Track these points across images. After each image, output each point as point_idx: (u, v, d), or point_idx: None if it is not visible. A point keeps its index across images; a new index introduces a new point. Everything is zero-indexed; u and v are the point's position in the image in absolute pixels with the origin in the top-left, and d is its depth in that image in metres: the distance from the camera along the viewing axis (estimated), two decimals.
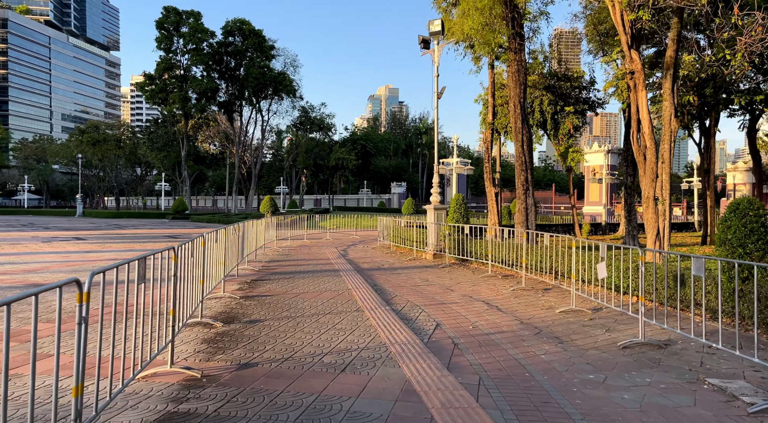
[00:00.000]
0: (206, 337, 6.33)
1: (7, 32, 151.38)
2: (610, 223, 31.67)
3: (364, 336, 6.42)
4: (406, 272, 12.68)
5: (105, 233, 26.13)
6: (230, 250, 9.76)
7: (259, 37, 57.48)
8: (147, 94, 55.44)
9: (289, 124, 69.57)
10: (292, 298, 8.99)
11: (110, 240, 21.77)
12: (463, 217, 15.41)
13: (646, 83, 10.50)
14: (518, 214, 16.13)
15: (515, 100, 16.04)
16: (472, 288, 10.37)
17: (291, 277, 11.60)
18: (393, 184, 74.24)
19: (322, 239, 23.75)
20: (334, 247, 19.70)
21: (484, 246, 13.04)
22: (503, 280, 11.48)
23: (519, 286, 10.42)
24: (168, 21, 54.45)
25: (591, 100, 24.65)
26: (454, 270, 13.13)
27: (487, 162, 21.12)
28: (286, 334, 6.44)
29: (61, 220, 44.30)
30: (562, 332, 6.81)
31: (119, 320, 4.81)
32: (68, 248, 17.85)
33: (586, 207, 45.93)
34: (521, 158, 16.07)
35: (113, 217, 50.76)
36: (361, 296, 9.16)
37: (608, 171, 41.33)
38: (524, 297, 9.38)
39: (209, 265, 7.71)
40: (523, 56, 16.01)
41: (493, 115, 21.19)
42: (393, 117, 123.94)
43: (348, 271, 12.71)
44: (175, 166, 65.93)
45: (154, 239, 22.52)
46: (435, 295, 9.47)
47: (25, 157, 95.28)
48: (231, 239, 9.91)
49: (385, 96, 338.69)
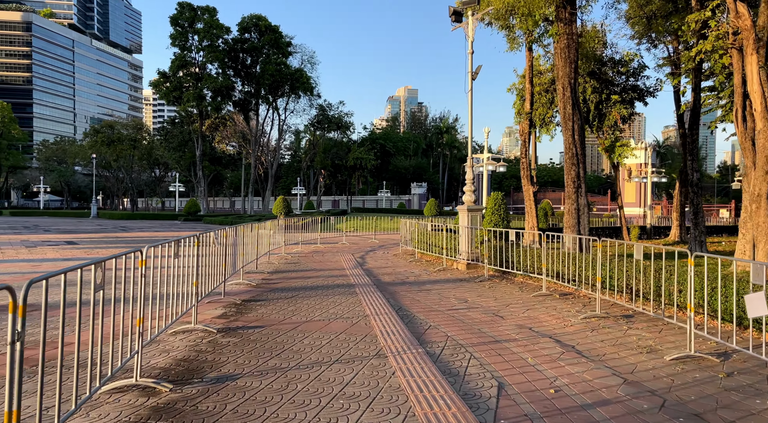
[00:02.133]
0: (131, 418, 4.01)
1: (31, 35, 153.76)
2: (655, 226, 28.76)
3: (390, 413, 4.04)
4: (437, 288, 10.26)
5: (103, 237, 24.28)
6: (211, 264, 7.48)
7: (275, 33, 55.66)
8: (161, 93, 54.01)
9: (307, 124, 67.72)
10: (290, 330, 6.66)
11: (103, 244, 19.83)
12: (503, 219, 12.92)
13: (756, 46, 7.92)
14: (568, 217, 13.57)
15: (564, 82, 13.50)
16: (528, 314, 7.90)
17: (294, 295, 9.29)
18: (413, 184, 71.80)
19: (337, 244, 21.47)
20: (351, 253, 17.38)
21: (533, 256, 10.55)
22: (563, 301, 8.97)
23: (590, 311, 7.92)
24: (182, 17, 52.95)
25: (639, 89, 21.89)
26: (496, 285, 10.66)
27: (524, 157, 18.60)
28: (265, 411, 4.09)
29: (70, 221, 42.98)
30: (699, 404, 4.32)
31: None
32: (48, 255, 15.88)
33: None
34: (571, 150, 13.51)
35: (126, 218, 49.40)
36: (384, 328, 6.79)
37: (653, 170, 38.04)
38: (605, 330, 6.88)
39: (170, 286, 5.45)
40: (574, 28, 13.46)
41: (530, 104, 18.68)
42: (413, 117, 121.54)
43: (366, 286, 10.35)
44: (191, 166, 64.54)
45: (151, 243, 20.53)
46: (482, 326, 7.04)
47: (47, 159, 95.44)
48: (213, 250, 7.63)
49: (404, 97, 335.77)
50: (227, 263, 8.64)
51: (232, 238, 9.28)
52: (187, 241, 6.16)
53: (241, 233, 10.43)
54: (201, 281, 6.67)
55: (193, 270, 6.17)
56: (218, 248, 8.02)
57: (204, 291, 7.07)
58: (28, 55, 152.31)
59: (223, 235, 8.34)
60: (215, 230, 8.19)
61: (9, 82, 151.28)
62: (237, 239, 9.84)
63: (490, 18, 16.34)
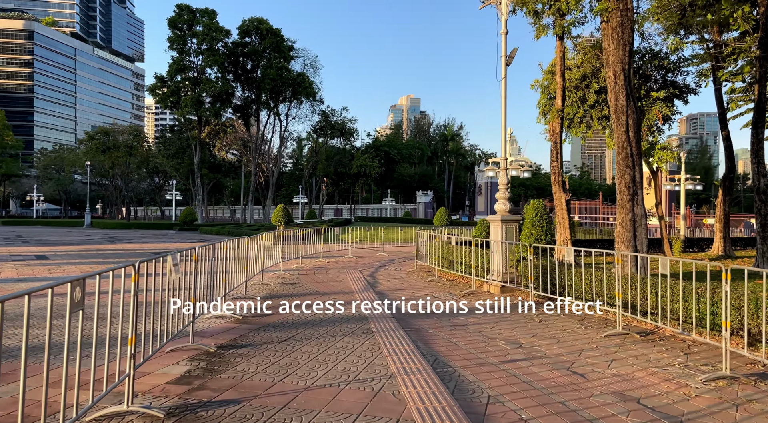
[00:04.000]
0: None
1: (33, 44, 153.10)
2: (689, 238, 26.40)
3: None
4: (474, 322, 7.97)
5: (83, 250, 22.01)
6: (180, 295, 5.22)
7: (277, 37, 53.81)
8: (158, 98, 52.09)
9: (309, 130, 65.70)
10: (279, 410, 4.37)
11: (77, 259, 17.58)
12: (546, 232, 10.64)
13: None
14: (621, 229, 11.26)
15: (616, 67, 11.28)
16: (617, 370, 5.60)
17: (290, 336, 7.00)
18: (418, 192, 69.55)
19: (342, 257, 19.21)
20: (358, 270, 15.11)
21: (595, 280, 8.25)
22: (650, 345, 6.68)
23: (704, 364, 5.62)
24: (181, 20, 51.15)
25: (679, 85, 19.65)
26: (548, 318, 8.36)
27: (555, 160, 16.38)
28: None
29: (59, 231, 40.78)
30: None
31: None
32: (2, 274, 13.62)
33: None
34: (626, 150, 11.27)
35: (120, 228, 47.20)
36: (422, 403, 4.50)
37: (687, 176, 35.53)
38: (753, 406, 4.58)
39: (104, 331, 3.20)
40: (629, 3, 11.26)
41: (562, 100, 16.50)
42: (416, 124, 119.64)
43: (383, 319, 8.07)
44: (190, 174, 62.48)
45: (133, 257, 18.29)
46: (562, 396, 4.75)
47: (45, 167, 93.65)
48: (177, 277, 5.37)
49: (406, 106, 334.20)
50: (199, 296, 6.38)
51: (211, 260, 7.01)
52: (148, 266, 3.95)
53: (225, 252, 8.17)
54: (156, 324, 4.41)
55: (147, 308, 3.91)
56: (194, 270, 5.77)
57: (166, 332, 4.82)
58: (29, 64, 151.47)
59: (194, 258, 6.07)
60: (191, 249, 5.96)
61: (10, 91, 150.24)
62: (216, 262, 7.59)
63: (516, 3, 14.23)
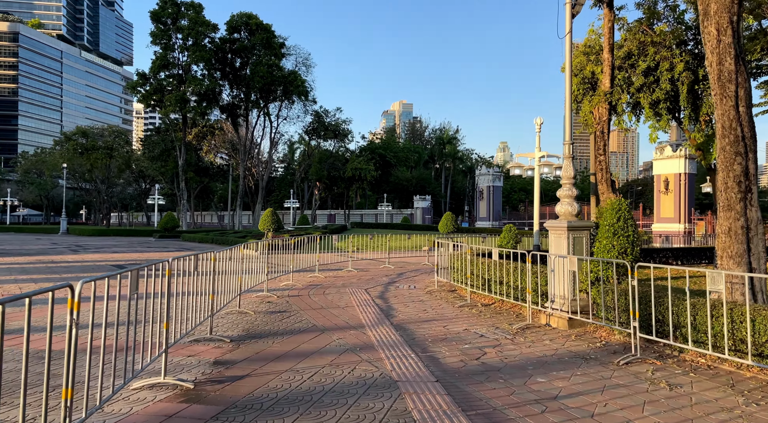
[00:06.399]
0: None
1: (18, 46, 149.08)
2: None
3: None
4: (571, 395, 4.92)
5: (34, 261, 18.71)
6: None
7: (267, 33, 50.78)
8: (140, 96, 48.76)
9: (301, 132, 62.61)
10: None
11: (14, 275, 14.33)
12: (634, 244, 7.63)
13: None
14: (728, 240, 8.26)
15: (721, 20, 8.35)
16: None
17: None
18: (416, 197, 66.51)
19: (342, 270, 16.13)
20: (364, 289, 12.02)
21: (737, 318, 5.26)
22: None
23: None
24: (165, 13, 47.94)
25: None
26: (673, 378, 5.32)
27: (602, 154, 13.48)
28: None
29: (28, 238, 37.27)
30: None
31: None
32: None
33: (656, 224, 37.86)
34: (734, 131, 8.31)
35: (98, 234, 43.72)
36: None
37: (686, 180, 32.97)
38: None
39: None
40: None
41: (611, 80, 13.59)
42: (411, 128, 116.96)
43: (423, 390, 5.00)
44: (174, 177, 59.07)
45: (87, 272, 15.08)
46: None
47: (25, 171, 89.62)
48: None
49: (399, 111, 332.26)
50: (115, 360, 3.28)
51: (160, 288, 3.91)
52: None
53: (183, 275, 5.06)
54: None
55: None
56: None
57: None
58: (14, 66, 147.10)
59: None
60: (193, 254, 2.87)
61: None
62: (167, 294, 4.47)
63: None
